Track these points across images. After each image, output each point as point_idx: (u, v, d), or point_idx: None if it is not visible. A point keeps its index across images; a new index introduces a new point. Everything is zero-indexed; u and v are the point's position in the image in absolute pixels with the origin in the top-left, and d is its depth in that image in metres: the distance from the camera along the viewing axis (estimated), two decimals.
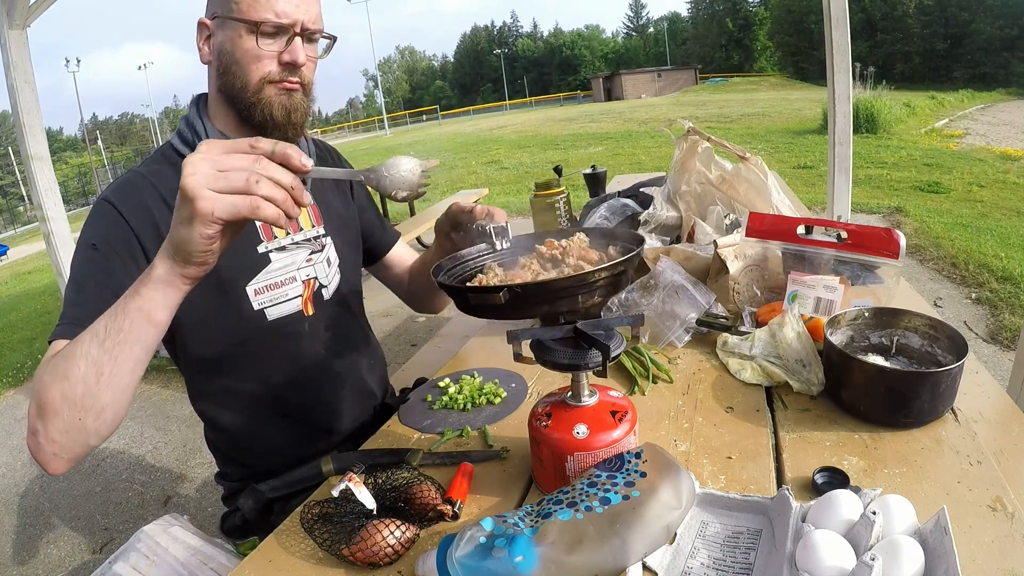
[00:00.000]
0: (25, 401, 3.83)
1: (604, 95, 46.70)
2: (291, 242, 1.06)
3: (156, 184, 0.96)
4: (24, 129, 3.20)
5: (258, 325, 1.02)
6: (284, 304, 1.05)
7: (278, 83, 0.96)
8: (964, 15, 35.18)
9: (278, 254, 1.04)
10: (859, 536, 0.59)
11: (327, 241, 1.13)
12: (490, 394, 1.07)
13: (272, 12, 0.92)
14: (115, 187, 0.96)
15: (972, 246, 4.28)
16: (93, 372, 0.66)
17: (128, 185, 0.96)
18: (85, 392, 0.67)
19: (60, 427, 0.69)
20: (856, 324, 0.99)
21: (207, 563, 0.85)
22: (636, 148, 12.11)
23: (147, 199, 0.94)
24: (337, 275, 1.15)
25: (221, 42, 0.95)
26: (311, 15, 0.96)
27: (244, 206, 0.58)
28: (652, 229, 1.52)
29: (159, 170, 0.99)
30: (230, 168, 0.59)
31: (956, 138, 11.14)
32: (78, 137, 61.70)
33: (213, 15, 0.95)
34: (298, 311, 1.07)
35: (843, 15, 2.93)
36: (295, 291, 1.06)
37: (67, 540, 2.39)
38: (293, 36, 0.95)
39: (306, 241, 1.09)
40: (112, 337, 0.65)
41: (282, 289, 1.04)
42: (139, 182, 0.96)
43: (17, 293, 7.72)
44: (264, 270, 1.02)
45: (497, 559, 0.58)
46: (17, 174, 25.80)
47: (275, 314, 1.04)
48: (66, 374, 0.67)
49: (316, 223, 1.12)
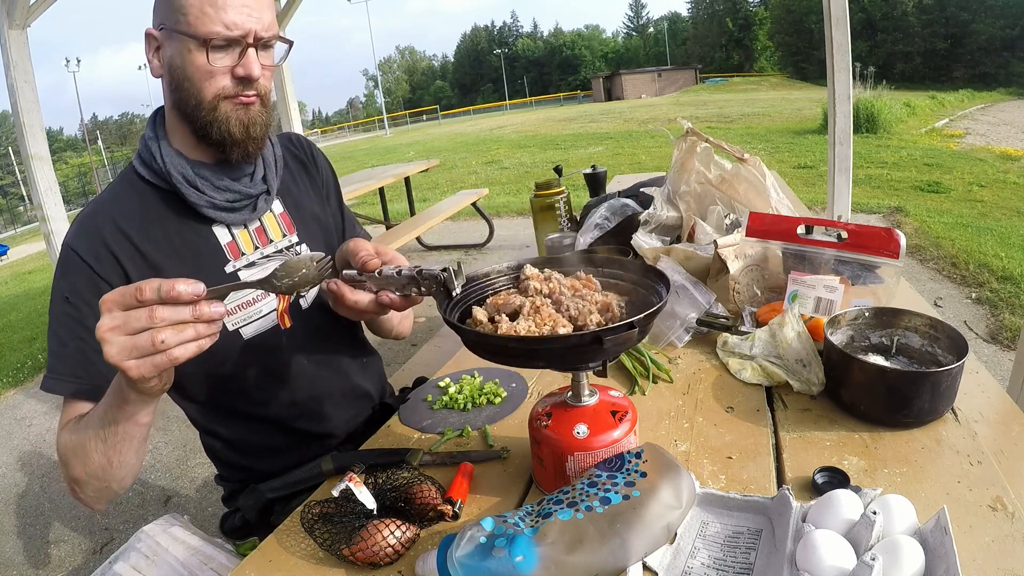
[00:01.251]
0: (25, 401, 3.83)
1: (604, 95, 46.70)
2: (260, 256, 1.02)
3: (114, 211, 0.94)
4: (24, 129, 3.19)
5: (234, 345, 1.00)
6: (259, 321, 1.02)
7: (233, 98, 0.92)
8: (964, 15, 35.18)
9: (247, 271, 1.00)
10: (859, 536, 0.59)
11: (301, 249, 1.09)
12: (490, 394, 1.07)
13: (221, 24, 0.86)
14: (76, 227, 0.94)
15: (972, 246, 4.28)
16: (104, 461, 0.81)
17: (87, 222, 0.94)
18: (103, 473, 0.83)
19: (91, 491, 0.86)
20: (856, 324, 0.99)
21: (207, 563, 0.85)
22: (636, 148, 12.10)
23: (104, 232, 0.92)
24: None
25: (171, 56, 0.90)
26: (264, 22, 0.90)
27: (163, 361, 0.62)
28: (652, 229, 1.52)
29: (119, 194, 0.97)
30: (134, 331, 0.62)
31: (956, 138, 11.14)
32: (78, 137, 61.76)
33: (160, 26, 0.90)
34: (274, 326, 1.03)
35: (843, 15, 2.93)
36: (268, 306, 1.02)
37: (67, 540, 2.39)
38: (246, 48, 0.89)
39: (277, 253, 1.05)
40: (111, 439, 0.79)
41: (255, 307, 1.01)
42: (98, 214, 0.94)
43: (17, 293, 7.72)
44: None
45: (497, 559, 0.58)
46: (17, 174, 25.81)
47: (250, 332, 1.01)
48: (84, 462, 0.82)
49: (288, 231, 1.08)
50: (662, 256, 1.34)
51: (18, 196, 25.20)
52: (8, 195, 26.42)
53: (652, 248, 1.38)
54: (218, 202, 0.97)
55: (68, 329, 0.90)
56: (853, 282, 1.13)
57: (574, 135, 16.24)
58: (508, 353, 0.70)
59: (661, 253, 1.35)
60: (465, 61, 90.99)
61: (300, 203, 1.12)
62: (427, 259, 5.78)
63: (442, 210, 5.31)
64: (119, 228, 0.93)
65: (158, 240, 0.95)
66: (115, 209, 0.95)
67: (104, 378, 0.87)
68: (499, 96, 74.06)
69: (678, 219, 1.53)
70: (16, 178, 26.47)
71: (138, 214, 0.95)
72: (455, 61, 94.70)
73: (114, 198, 0.97)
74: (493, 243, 5.84)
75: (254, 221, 1.03)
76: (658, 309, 0.68)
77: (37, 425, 3.45)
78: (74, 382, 0.89)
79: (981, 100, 21.32)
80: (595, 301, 0.76)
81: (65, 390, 0.89)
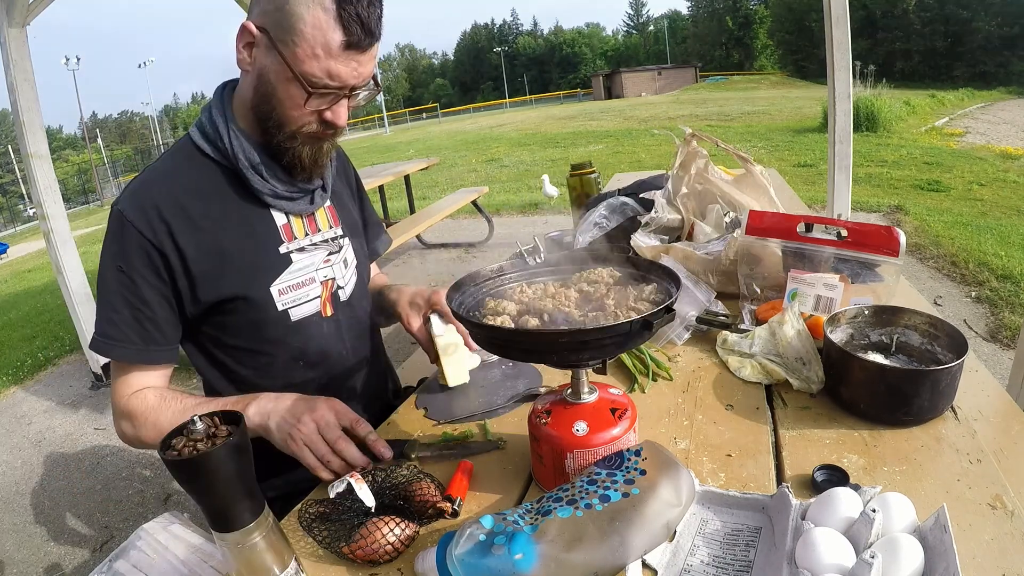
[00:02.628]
0: (26, 399, 3.83)
1: (604, 93, 46.67)
2: (310, 243, 1.05)
3: (172, 183, 0.95)
4: (24, 127, 3.18)
5: (283, 325, 1.03)
6: (306, 305, 1.05)
7: (314, 134, 0.94)
8: (964, 13, 35.14)
9: (298, 255, 1.03)
10: (859, 534, 0.59)
11: (344, 242, 1.12)
12: None
13: (326, 73, 0.85)
14: (129, 193, 0.95)
15: (972, 244, 4.28)
16: None
17: (141, 190, 0.95)
18: None
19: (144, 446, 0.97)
20: (856, 322, 0.99)
21: (207, 560, 0.85)
22: (636, 146, 12.10)
23: (159, 202, 0.93)
24: (354, 276, 1.14)
25: (265, 66, 0.88)
26: (366, 77, 0.90)
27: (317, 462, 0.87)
28: (653, 230, 1.53)
29: (179, 166, 0.98)
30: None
31: (956, 136, 11.14)
32: (78, 135, 61.70)
33: (262, 27, 0.86)
34: (317, 312, 1.06)
35: (843, 13, 2.92)
36: (315, 292, 1.06)
37: (67, 538, 2.39)
38: (340, 98, 0.90)
39: (324, 242, 1.08)
40: None
41: (303, 290, 1.04)
42: (153, 184, 0.95)
43: (17, 291, 7.71)
44: (287, 270, 1.02)
45: (497, 556, 0.58)
46: (17, 172, 25.77)
47: (298, 315, 1.04)
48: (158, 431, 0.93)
49: (334, 224, 1.11)
50: (662, 255, 1.34)
51: (18, 194, 25.18)
52: (8, 193, 26.40)
53: (651, 247, 1.38)
54: (280, 191, 1.00)
55: (121, 297, 0.93)
56: (853, 280, 1.13)
57: (574, 133, 16.22)
58: (532, 348, 0.70)
59: (661, 252, 1.35)
60: (465, 59, 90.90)
61: (342, 201, 1.16)
62: (427, 257, 5.79)
63: (442, 208, 5.31)
64: (177, 201, 0.94)
65: (217, 216, 0.96)
66: (173, 181, 0.95)
67: (156, 342, 0.96)
68: (499, 94, 74.01)
69: (679, 220, 1.53)
70: (16, 176, 26.44)
71: (197, 188, 0.96)
72: (455, 59, 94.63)
73: (173, 169, 0.98)
74: (493, 241, 5.84)
75: (309, 211, 1.06)
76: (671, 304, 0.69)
77: (37, 423, 3.45)
78: (129, 347, 0.94)
79: (981, 99, 21.29)
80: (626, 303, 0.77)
81: (120, 354, 0.95)
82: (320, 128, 0.93)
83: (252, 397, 0.93)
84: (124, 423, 0.97)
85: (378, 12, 0.86)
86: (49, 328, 5.24)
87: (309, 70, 0.85)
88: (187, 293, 0.96)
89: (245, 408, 0.91)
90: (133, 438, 0.97)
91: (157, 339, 0.96)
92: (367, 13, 0.84)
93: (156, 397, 0.95)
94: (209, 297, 0.96)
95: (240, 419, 0.61)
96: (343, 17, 0.82)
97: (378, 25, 0.86)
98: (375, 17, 0.85)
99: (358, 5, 0.83)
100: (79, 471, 2.85)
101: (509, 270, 0.87)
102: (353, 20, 0.83)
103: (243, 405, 0.91)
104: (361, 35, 0.84)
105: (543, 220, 6.68)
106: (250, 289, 0.98)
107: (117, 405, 0.97)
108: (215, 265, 0.95)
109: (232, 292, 0.97)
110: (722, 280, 1.31)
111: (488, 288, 0.85)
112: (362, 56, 0.87)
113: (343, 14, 0.82)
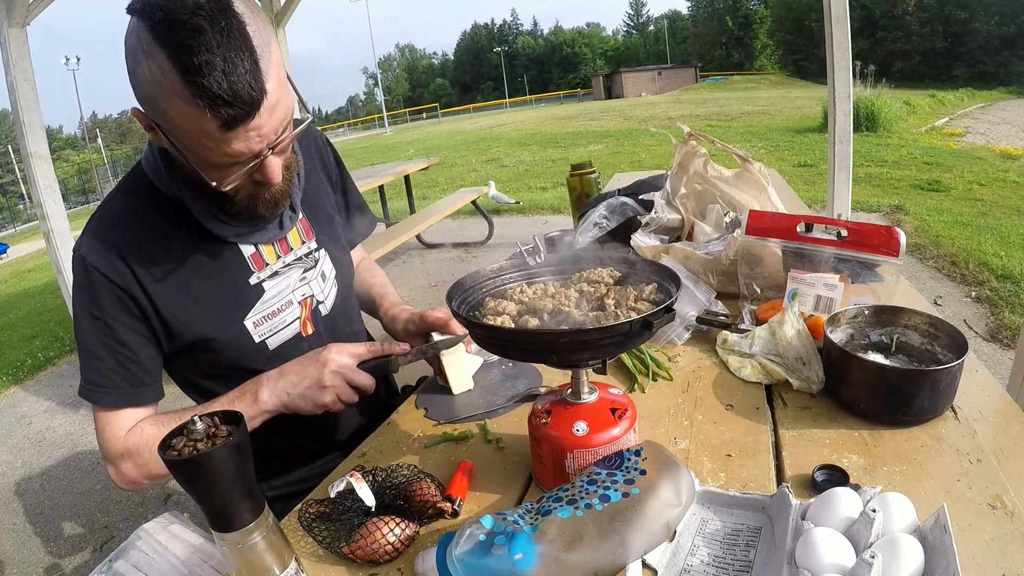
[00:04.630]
0: (25, 399, 3.83)
1: (604, 93, 46.67)
2: (282, 265, 1.01)
3: (130, 222, 0.91)
4: (24, 127, 3.18)
5: (263, 355, 1.00)
6: (283, 331, 1.02)
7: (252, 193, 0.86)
8: (963, 13, 35.13)
9: (271, 281, 1.00)
10: (859, 534, 0.59)
11: (320, 255, 1.08)
12: None
13: (225, 155, 0.75)
14: (89, 240, 0.89)
15: (972, 244, 4.28)
16: None
17: (100, 232, 0.90)
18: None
19: (147, 483, 0.94)
20: (856, 322, 0.99)
21: (207, 560, 0.85)
22: (636, 146, 12.09)
23: (119, 245, 0.88)
24: (334, 287, 1.11)
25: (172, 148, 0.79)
26: (275, 129, 0.77)
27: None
28: (653, 230, 1.53)
29: (133, 205, 0.92)
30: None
31: (956, 136, 11.14)
32: (78, 135, 61.71)
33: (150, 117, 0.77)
34: (296, 334, 1.04)
35: (843, 13, 2.92)
36: (292, 315, 1.03)
37: (67, 538, 2.39)
38: (262, 160, 0.79)
39: (297, 260, 1.04)
40: None
41: (280, 316, 1.01)
42: (111, 227, 0.90)
43: (17, 291, 7.71)
44: (260, 301, 0.98)
45: (497, 556, 0.58)
46: (17, 172, 25.78)
47: (276, 342, 1.01)
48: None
49: (307, 238, 1.06)
50: (662, 255, 1.34)
51: (18, 194, 25.19)
52: (8, 193, 26.40)
53: (651, 247, 1.38)
54: (243, 230, 0.95)
55: (101, 343, 0.90)
56: (853, 280, 1.13)
57: (574, 133, 16.22)
58: (532, 348, 0.71)
59: (661, 252, 1.36)
60: (465, 59, 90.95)
61: (316, 205, 1.10)
62: (427, 257, 5.79)
63: (442, 208, 5.31)
64: (138, 243, 0.89)
65: (180, 256, 0.92)
66: (132, 220, 0.91)
67: (143, 383, 0.93)
68: (499, 94, 74.08)
69: (679, 221, 1.53)
70: (16, 176, 26.45)
71: (155, 226, 0.91)
72: (455, 59, 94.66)
73: (128, 209, 0.92)
74: (493, 241, 5.84)
75: (280, 236, 1.01)
76: (671, 303, 0.69)
77: (37, 423, 3.45)
78: (117, 392, 0.91)
79: (981, 99, 21.29)
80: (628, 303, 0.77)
81: (110, 400, 0.91)
82: (255, 188, 0.85)
83: (254, 384, 0.91)
84: (125, 464, 0.92)
85: (243, 69, 0.70)
86: (49, 328, 5.25)
87: (207, 158, 0.76)
88: (162, 334, 0.93)
89: (255, 398, 0.90)
90: (139, 477, 0.92)
91: (144, 379, 0.93)
92: (227, 83, 0.69)
93: (153, 426, 0.92)
94: (184, 339, 0.94)
95: (240, 419, 0.61)
96: (202, 104, 0.69)
97: (252, 85, 0.71)
98: (243, 80, 0.70)
99: (211, 81, 0.68)
100: (79, 471, 2.85)
101: (509, 270, 0.87)
102: (215, 102, 0.69)
103: (251, 397, 0.90)
104: (232, 112, 0.71)
105: (543, 220, 6.68)
106: (224, 329, 0.96)
107: (112, 449, 0.92)
108: (185, 309, 0.92)
109: (205, 334, 0.94)
110: (722, 280, 1.31)
111: (488, 288, 0.85)
112: (251, 123, 0.73)
113: (200, 102, 0.69)
